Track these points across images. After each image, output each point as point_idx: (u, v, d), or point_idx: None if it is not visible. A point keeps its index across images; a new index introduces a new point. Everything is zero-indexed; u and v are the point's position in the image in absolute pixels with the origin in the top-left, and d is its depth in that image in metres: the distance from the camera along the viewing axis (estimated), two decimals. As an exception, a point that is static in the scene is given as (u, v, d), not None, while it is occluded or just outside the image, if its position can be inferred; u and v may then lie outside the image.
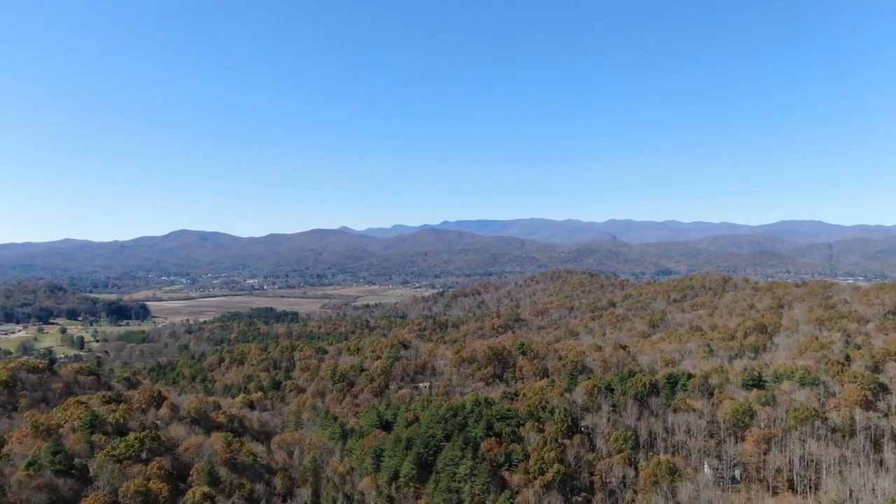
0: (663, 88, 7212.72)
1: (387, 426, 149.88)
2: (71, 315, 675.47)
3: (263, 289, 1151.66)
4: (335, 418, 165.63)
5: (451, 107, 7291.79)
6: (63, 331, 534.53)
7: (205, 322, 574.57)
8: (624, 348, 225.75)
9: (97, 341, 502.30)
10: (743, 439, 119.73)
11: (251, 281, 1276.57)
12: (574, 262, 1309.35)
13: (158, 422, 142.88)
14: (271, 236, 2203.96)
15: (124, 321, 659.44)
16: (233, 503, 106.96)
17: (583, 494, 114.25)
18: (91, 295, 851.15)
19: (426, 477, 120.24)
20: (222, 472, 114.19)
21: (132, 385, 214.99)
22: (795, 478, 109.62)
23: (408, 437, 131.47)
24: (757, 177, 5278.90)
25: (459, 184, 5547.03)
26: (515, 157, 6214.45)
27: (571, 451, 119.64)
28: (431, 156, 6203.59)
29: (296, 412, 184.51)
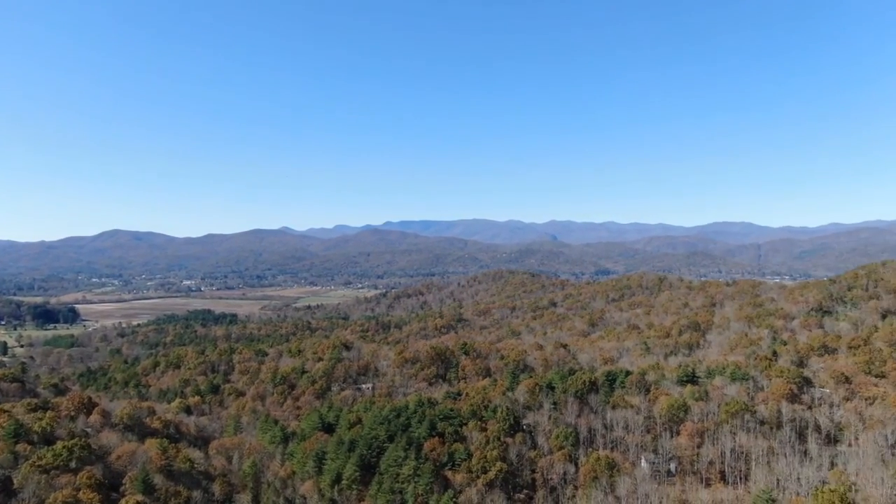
0: (602, 92, 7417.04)
1: (329, 428, 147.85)
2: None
3: (201, 290, 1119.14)
4: (276, 421, 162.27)
5: (394, 106, 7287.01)
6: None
7: (139, 325, 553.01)
8: (564, 347, 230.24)
9: (22, 346, 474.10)
10: (678, 433, 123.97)
11: (188, 282, 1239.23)
12: (516, 263, 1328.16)
13: (89, 429, 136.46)
14: (209, 236, 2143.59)
15: (51, 325, 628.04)
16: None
17: (525, 492, 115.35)
18: (15, 298, 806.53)
19: (369, 478, 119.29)
20: (157, 480, 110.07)
21: (60, 392, 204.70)
22: (727, 469, 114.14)
23: (350, 439, 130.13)
24: (691, 179, 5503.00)
25: (403, 184, 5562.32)
26: (458, 158, 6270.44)
27: (513, 450, 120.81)
28: (374, 155, 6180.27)
29: (235, 416, 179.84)
